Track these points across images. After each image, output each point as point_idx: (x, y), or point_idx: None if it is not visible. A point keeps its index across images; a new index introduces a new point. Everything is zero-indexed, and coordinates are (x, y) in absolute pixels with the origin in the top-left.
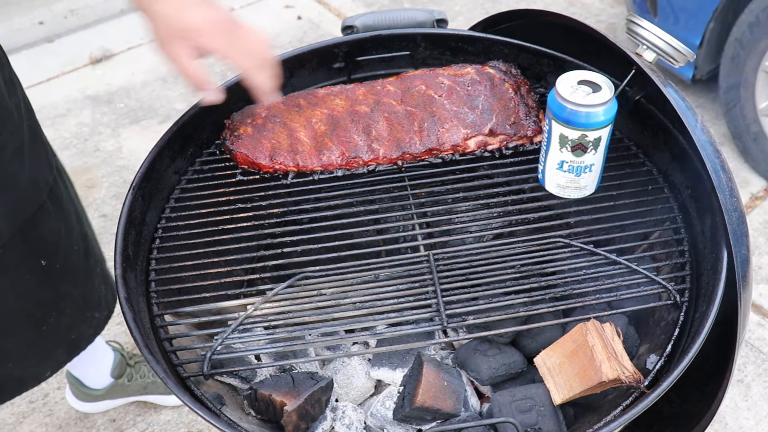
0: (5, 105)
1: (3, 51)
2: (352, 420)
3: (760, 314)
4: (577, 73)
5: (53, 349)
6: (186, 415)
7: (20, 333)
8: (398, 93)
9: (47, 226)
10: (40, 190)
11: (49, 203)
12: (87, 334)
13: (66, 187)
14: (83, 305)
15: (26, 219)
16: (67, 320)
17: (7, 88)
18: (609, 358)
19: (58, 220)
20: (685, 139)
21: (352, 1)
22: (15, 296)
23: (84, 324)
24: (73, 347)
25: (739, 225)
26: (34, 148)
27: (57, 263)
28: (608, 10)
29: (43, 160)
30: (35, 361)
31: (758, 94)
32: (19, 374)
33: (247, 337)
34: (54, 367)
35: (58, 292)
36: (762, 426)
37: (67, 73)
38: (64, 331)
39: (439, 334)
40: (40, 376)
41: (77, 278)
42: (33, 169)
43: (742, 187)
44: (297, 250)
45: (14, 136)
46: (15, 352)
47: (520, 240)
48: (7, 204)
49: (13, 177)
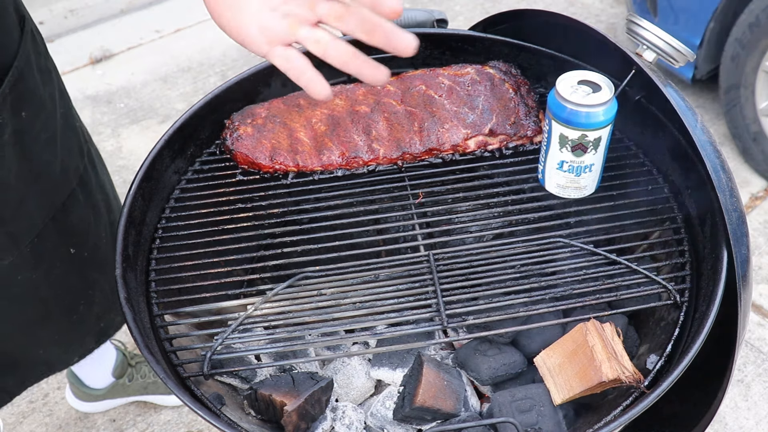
0: (39, 94)
1: (41, 38)
2: (352, 420)
3: (760, 314)
4: (577, 73)
5: (83, 336)
6: (186, 415)
7: (52, 322)
8: (398, 93)
9: (77, 214)
10: (71, 178)
11: (78, 191)
12: (115, 322)
13: (96, 174)
14: (111, 293)
15: (58, 207)
16: (96, 308)
17: (42, 77)
18: (609, 358)
19: (87, 208)
20: (685, 139)
21: None
22: (48, 285)
23: (112, 312)
24: (102, 335)
25: (739, 225)
26: (67, 135)
27: (86, 251)
28: (608, 10)
29: (74, 147)
30: (65, 347)
31: (758, 94)
32: (48, 358)
33: (247, 337)
34: (82, 354)
35: (86, 281)
36: (762, 426)
37: (67, 73)
38: (93, 319)
39: (439, 334)
40: (69, 361)
41: (105, 266)
42: (65, 156)
43: (742, 187)
44: (297, 250)
45: (48, 125)
46: (46, 340)
47: (520, 240)
48: (40, 194)
49: (46, 165)
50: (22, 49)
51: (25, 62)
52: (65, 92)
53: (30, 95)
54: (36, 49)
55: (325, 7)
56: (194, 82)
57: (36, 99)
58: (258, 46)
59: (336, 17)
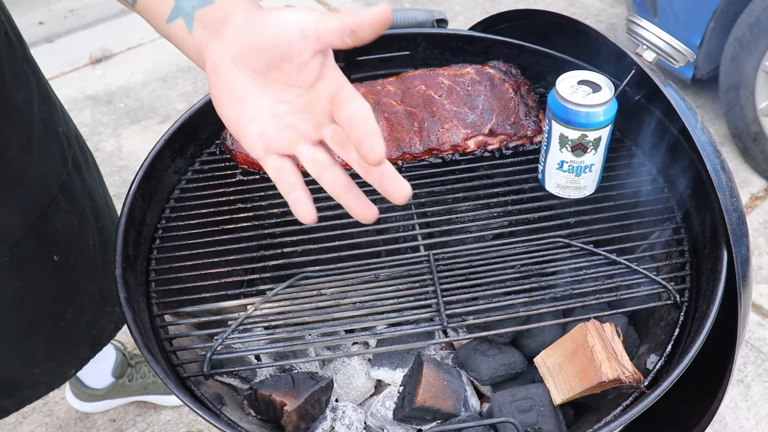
0: (10, 98)
1: (20, 41)
2: (352, 420)
3: (760, 314)
4: (577, 73)
5: (76, 346)
6: (186, 415)
7: (40, 332)
8: (398, 93)
9: (59, 221)
10: (51, 185)
11: (60, 197)
12: (108, 329)
13: (83, 180)
14: (101, 300)
15: (38, 214)
16: (86, 316)
17: (16, 81)
18: (609, 358)
19: (71, 214)
20: (685, 139)
21: (352, 2)
22: (31, 294)
23: (104, 319)
24: (96, 343)
25: (739, 225)
26: (46, 141)
27: (71, 258)
28: (608, 10)
29: (56, 153)
30: (60, 360)
31: (758, 94)
32: (46, 378)
33: (247, 337)
34: (78, 364)
35: (74, 288)
36: (762, 426)
37: (66, 73)
38: (84, 327)
39: (439, 334)
40: (66, 374)
41: (94, 273)
42: (44, 163)
43: (742, 187)
44: (297, 250)
45: (19, 131)
46: (40, 355)
47: (520, 240)
48: (15, 201)
49: (20, 173)
50: None
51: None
52: (50, 96)
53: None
54: (11, 53)
55: (330, 131)
56: (194, 82)
57: (6, 104)
58: (253, 149)
59: (339, 144)
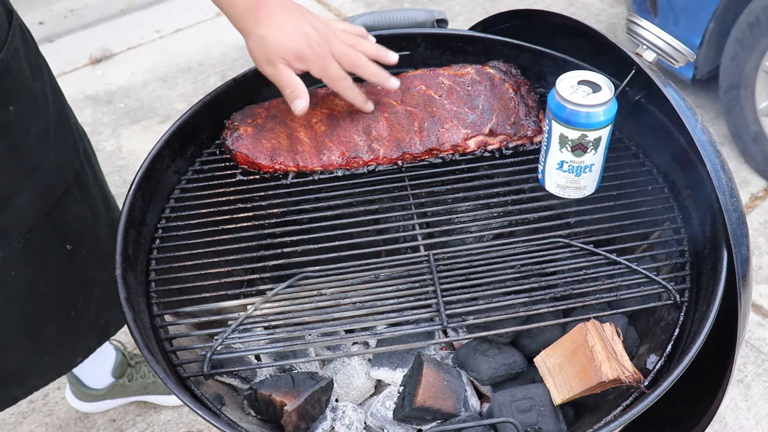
0: (29, 88)
1: (30, 35)
2: (352, 420)
3: (760, 314)
4: (577, 73)
5: (85, 335)
6: (186, 415)
7: (51, 320)
8: (398, 93)
9: (73, 211)
10: (66, 174)
11: (74, 187)
12: (116, 320)
13: (94, 171)
14: (112, 290)
15: (52, 204)
16: (95, 306)
17: (32, 72)
18: (609, 358)
19: (84, 204)
20: (685, 139)
21: (352, 1)
22: (44, 282)
23: (113, 309)
24: (103, 333)
25: (739, 225)
26: (60, 131)
27: (83, 248)
28: (608, 10)
29: (69, 143)
30: (68, 347)
31: (758, 94)
32: (54, 365)
33: (247, 337)
34: (85, 353)
35: (85, 278)
36: (762, 426)
37: (67, 73)
38: (93, 316)
39: (439, 334)
40: (72, 362)
41: (106, 264)
42: (59, 152)
43: (742, 187)
44: (297, 250)
45: (38, 120)
46: (50, 343)
47: (520, 240)
48: (32, 189)
49: (37, 161)
50: (10, 42)
51: (13, 55)
52: (59, 89)
53: (18, 89)
54: (26, 44)
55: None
56: (194, 82)
57: (25, 93)
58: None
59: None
